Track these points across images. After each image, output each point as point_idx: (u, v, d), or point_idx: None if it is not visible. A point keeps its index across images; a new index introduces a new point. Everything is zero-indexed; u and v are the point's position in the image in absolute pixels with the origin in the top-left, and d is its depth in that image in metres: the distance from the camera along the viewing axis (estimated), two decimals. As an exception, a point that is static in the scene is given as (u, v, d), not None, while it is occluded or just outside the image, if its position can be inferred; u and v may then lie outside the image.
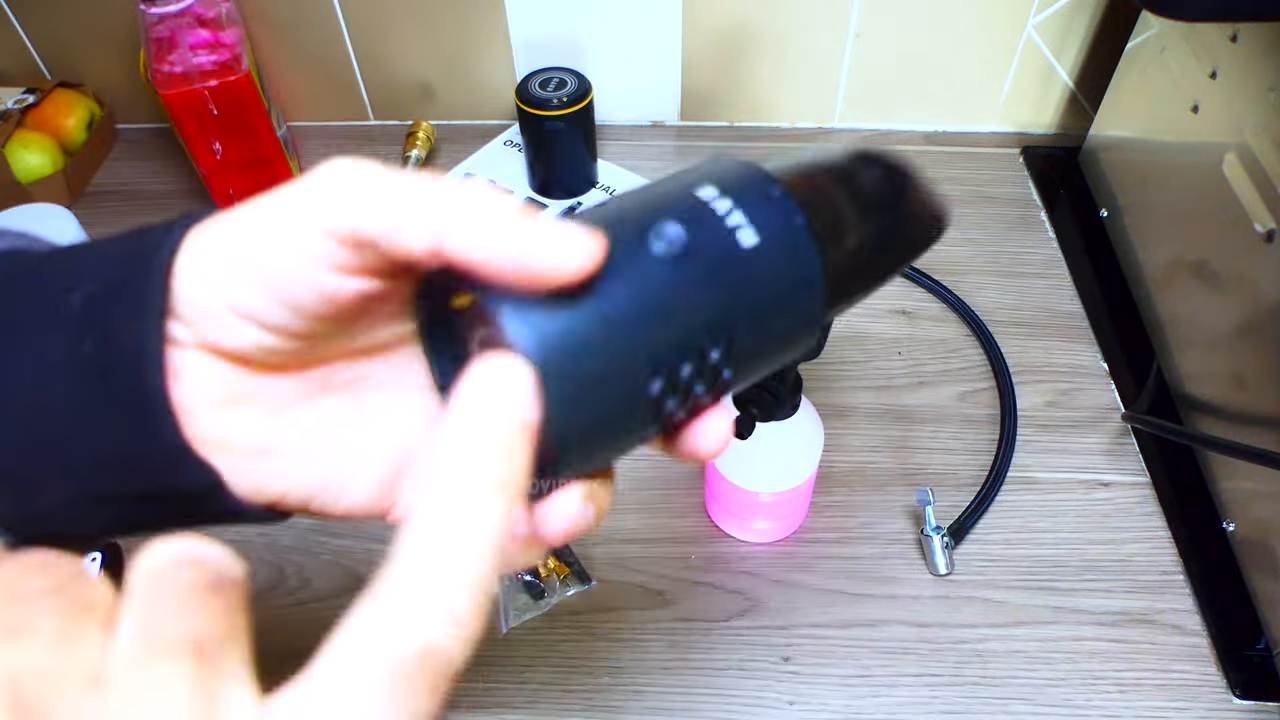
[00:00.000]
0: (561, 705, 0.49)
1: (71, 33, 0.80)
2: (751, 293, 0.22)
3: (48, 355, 0.22)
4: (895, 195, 0.27)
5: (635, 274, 0.21)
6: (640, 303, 0.21)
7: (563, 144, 0.74)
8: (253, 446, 0.23)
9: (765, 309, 0.23)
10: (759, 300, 0.23)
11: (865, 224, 0.26)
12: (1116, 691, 0.49)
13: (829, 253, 0.24)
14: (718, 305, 0.22)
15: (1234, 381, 0.54)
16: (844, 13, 0.76)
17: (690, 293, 0.21)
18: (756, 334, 0.23)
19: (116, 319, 0.21)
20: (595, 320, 0.20)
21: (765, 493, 0.50)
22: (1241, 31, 0.55)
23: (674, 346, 0.21)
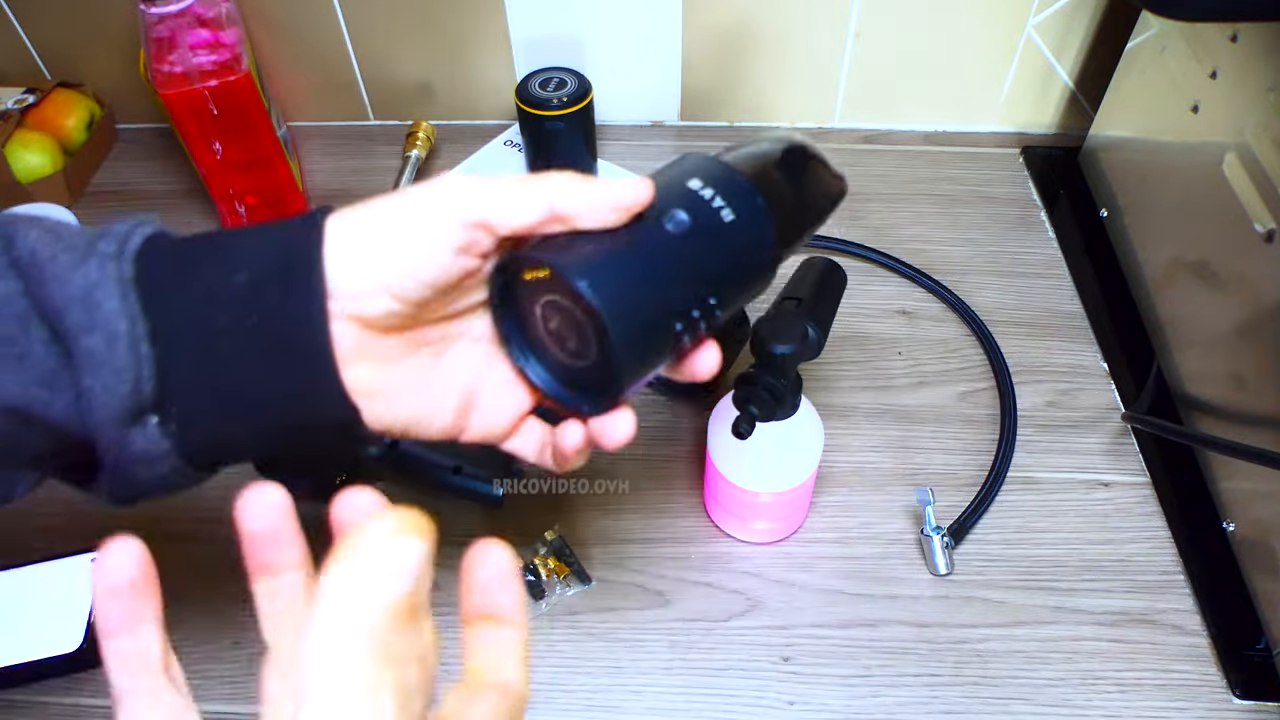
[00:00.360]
0: (562, 705, 0.49)
1: (71, 33, 0.80)
2: (733, 253, 0.33)
3: (215, 324, 0.28)
4: (812, 171, 0.38)
5: (659, 248, 0.31)
6: (665, 267, 0.31)
7: (563, 144, 0.74)
8: (369, 390, 0.31)
9: (742, 263, 0.33)
10: (738, 258, 0.33)
11: (796, 193, 0.36)
12: (1116, 691, 0.49)
13: (776, 217, 0.34)
14: (714, 265, 0.32)
15: (1234, 381, 0.54)
16: (844, 13, 0.76)
17: (697, 258, 0.32)
18: (737, 281, 0.33)
19: (287, 299, 0.29)
20: (639, 281, 0.30)
21: (765, 493, 0.50)
22: (1241, 31, 0.55)
23: (688, 297, 0.31)
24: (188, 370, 0.28)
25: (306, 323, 0.29)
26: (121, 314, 0.27)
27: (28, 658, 0.49)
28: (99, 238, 0.29)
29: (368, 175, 0.81)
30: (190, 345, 0.28)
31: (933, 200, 0.77)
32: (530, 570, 0.53)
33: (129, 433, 0.28)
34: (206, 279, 0.29)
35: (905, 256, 0.71)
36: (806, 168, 0.38)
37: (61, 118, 0.79)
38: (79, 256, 0.28)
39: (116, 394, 0.27)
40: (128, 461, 0.29)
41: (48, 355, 0.28)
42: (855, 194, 0.78)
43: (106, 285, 0.27)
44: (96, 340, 0.27)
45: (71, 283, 0.27)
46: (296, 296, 0.28)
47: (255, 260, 0.29)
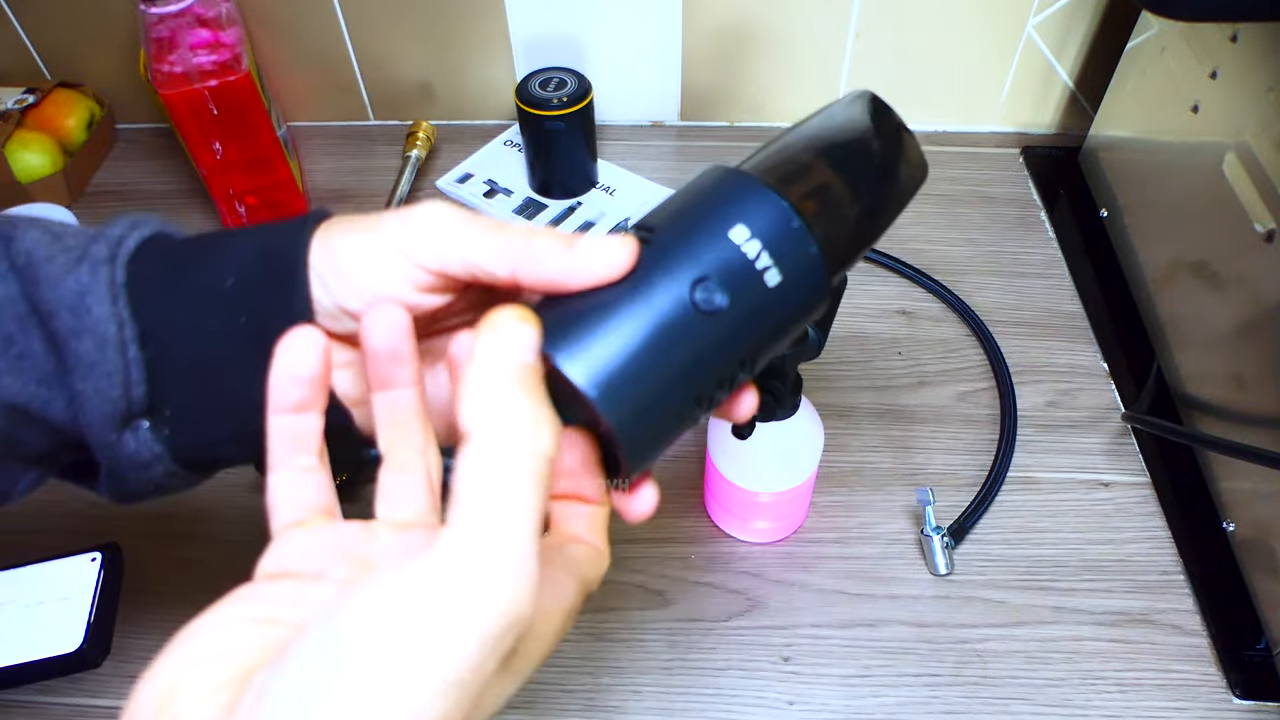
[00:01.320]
0: (561, 705, 0.49)
1: (71, 33, 0.80)
2: (775, 322, 0.27)
3: (206, 326, 0.28)
4: (889, 160, 0.32)
5: (683, 329, 0.26)
6: (687, 356, 0.26)
7: (563, 144, 0.74)
8: (355, 398, 0.30)
9: (785, 329, 0.28)
10: (781, 325, 0.28)
11: (862, 201, 0.30)
12: (1116, 691, 0.49)
13: (831, 251, 0.28)
14: (750, 343, 0.27)
15: (1234, 381, 0.54)
16: (844, 13, 0.76)
17: (728, 339, 0.26)
18: (776, 345, 0.28)
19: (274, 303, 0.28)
20: (655, 381, 0.25)
21: (765, 493, 0.50)
22: (1241, 31, 0.55)
23: (713, 381, 0.27)
24: (179, 373, 0.29)
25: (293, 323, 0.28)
26: (110, 318, 0.28)
27: (28, 658, 0.49)
28: (93, 240, 0.29)
29: (368, 175, 0.81)
30: (181, 348, 0.28)
31: (933, 200, 0.77)
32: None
33: (121, 436, 0.29)
34: (198, 282, 0.29)
35: (905, 256, 0.71)
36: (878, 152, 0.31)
37: (61, 118, 0.79)
38: (73, 260, 0.28)
39: (107, 397, 0.28)
40: (121, 464, 0.29)
41: (46, 356, 0.28)
42: (855, 194, 0.78)
43: (97, 290, 0.28)
44: (86, 344, 0.27)
45: (63, 286, 0.28)
46: (282, 301, 0.28)
47: (244, 263, 0.29)
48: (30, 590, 0.52)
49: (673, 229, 0.27)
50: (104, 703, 0.49)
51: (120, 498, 0.31)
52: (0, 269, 0.28)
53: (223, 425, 0.30)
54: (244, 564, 0.27)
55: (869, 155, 0.31)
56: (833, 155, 0.30)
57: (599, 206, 0.77)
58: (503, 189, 0.78)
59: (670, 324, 0.25)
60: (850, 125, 0.31)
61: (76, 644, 0.49)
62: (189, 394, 0.29)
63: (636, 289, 0.26)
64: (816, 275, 0.27)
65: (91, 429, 0.28)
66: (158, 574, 0.53)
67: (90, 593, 0.51)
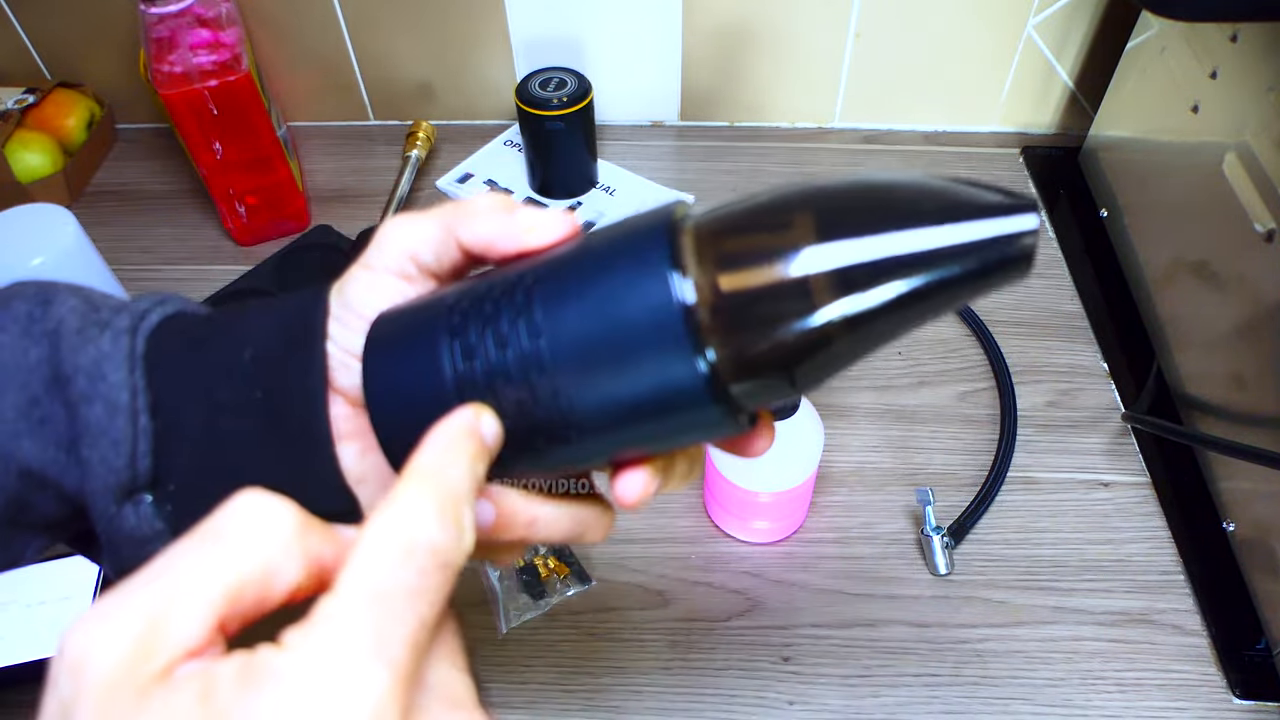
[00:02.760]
0: (561, 705, 0.49)
1: (71, 33, 0.80)
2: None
3: (218, 400, 0.28)
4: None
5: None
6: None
7: (563, 144, 0.74)
8: (358, 475, 0.29)
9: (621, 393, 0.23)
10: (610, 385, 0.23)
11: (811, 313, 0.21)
12: (1116, 691, 0.49)
13: (721, 346, 0.21)
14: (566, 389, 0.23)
15: (1234, 381, 0.54)
16: (844, 13, 0.76)
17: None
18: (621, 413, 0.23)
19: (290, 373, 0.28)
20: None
21: (765, 493, 0.50)
22: (1241, 31, 0.55)
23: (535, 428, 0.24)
24: (187, 447, 0.28)
25: (306, 399, 0.28)
26: (125, 385, 0.28)
27: (28, 658, 0.49)
28: (118, 312, 0.29)
29: (368, 175, 0.81)
30: (191, 421, 0.28)
31: (933, 200, 0.77)
32: (530, 570, 0.53)
33: (122, 509, 0.28)
34: (214, 355, 0.29)
35: (905, 256, 0.71)
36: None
37: (61, 118, 0.79)
38: (98, 329, 0.28)
39: (111, 467, 0.28)
40: (119, 539, 0.29)
41: (66, 422, 0.28)
42: (855, 194, 0.78)
43: (115, 357, 0.28)
44: (98, 410, 0.28)
45: (84, 352, 0.28)
46: (298, 371, 0.28)
47: (262, 336, 0.29)
48: (30, 590, 0.52)
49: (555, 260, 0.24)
50: (104, 703, 0.49)
51: (118, 573, 0.30)
52: (35, 333, 0.29)
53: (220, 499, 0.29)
54: (244, 564, 0.27)
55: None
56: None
57: (599, 206, 0.77)
58: (503, 189, 0.78)
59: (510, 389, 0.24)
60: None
61: (76, 644, 0.49)
62: (195, 469, 0.29)
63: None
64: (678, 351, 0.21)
65: (94, 498, 0.28)
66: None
67: (90, 593, 0.51)
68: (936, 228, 0.20)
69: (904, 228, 0.20)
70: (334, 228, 0.74)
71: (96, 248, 0.62)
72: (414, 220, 0.28)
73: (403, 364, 0.25)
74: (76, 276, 0.59)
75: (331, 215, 0.76)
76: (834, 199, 0.21)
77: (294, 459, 0.29)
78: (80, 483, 0.28)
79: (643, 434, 0.24)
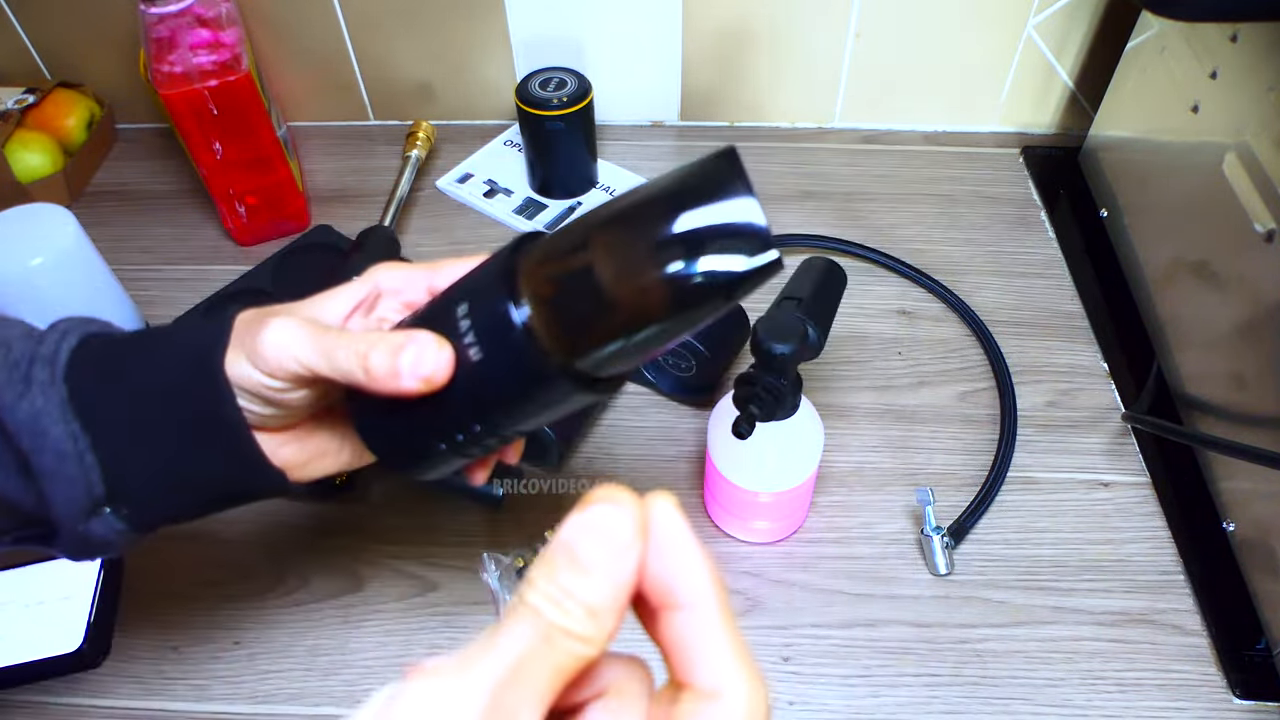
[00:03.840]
0: (561, 705, 0.49)
1: (71, 33, 0.80)
2: (490, 389, 0.30)
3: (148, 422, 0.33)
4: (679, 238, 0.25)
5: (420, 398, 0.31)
6: (423, 410, 0.31)
7: (563, 144, 0.74)
8: (293, 463, 0.36)
9: (508, 397, 0.30)
10: (500, 392, 0.30)
11: (608, 285, 0.26)
12: (1116, 691, 0.49)
13: (550, 334, 0.28)
14: (467, 402, 0.31)
15: (1234, 381, 0.54)
16: (844, 13, 0.76)
17: (445, 398, 0.30)
18: (509, 409, 0.30)
19: (203, 402, 0.32)
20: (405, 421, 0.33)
21: (765, 493, 0.50)
22: (1241, 31, 0.55)
23: (444, 425, 0.32)
24: (133, 467, 0.33)
25: (223, 423, 0.33)
26: (65, 437, 0.32)
27: (28, 658, 0.49)
28: (32, 364, 0.32)
29: (368, 175, 0.81)
30: (130, 446, 0.33)
31: (933, 200, 0.77)
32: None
33: (89, 523, 0.33)
34: (132, 383, 0.33)
35: (905, 256, 0.71)
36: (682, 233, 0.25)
37: (61, 118, 0.79)
38: (22, 384, 0.32)
39: (73, 499, 0.32)
40: (87, 544, 0.34)
41: (15, 462, 0.32)
42: (855, 194, 0.78)
43: (50, 413, 0.32)
44: (48, 459, 0.32)
45: (20, 411, 0.32)
46: (210, 393, 0.32)
47: (171, 367, 0.33)
48: (30, 590, 0.52)
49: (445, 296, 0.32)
50: (104, 703, 0.49)
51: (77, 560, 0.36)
52: None
53: (177, 501, 0.35)
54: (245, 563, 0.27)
55: (652, 228, 0.25)
56: (616, 224, 0.26)
57: (599, 206, 0.77)
58: (503, 189, 0.78)
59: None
60: (663, 192, 0.26)
61: (76, 644, 0.49)
62: (144, 482, 0.33)
63: None
64: (521, 352, 0.28)
65: (62, 521, 0.32)
66: (158, 574, 0.53)
67: (90, 593, 0.51)
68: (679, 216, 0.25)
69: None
70: (334, 228, 0.74)
71: (96, 248, 0.62)
72: (302, 348, 0.32)
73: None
74: (76, 276, 0.60)
75: (331, 215, 0.76)
76: (607, 218, 0.27)
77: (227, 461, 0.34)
78: (42, 507, 0.32)
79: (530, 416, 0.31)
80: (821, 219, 0.75)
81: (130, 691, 0.49)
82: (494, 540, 0.55)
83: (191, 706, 0.49)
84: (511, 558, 0.53)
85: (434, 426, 0.32)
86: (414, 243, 0.75)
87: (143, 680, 0.50)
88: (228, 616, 0.52)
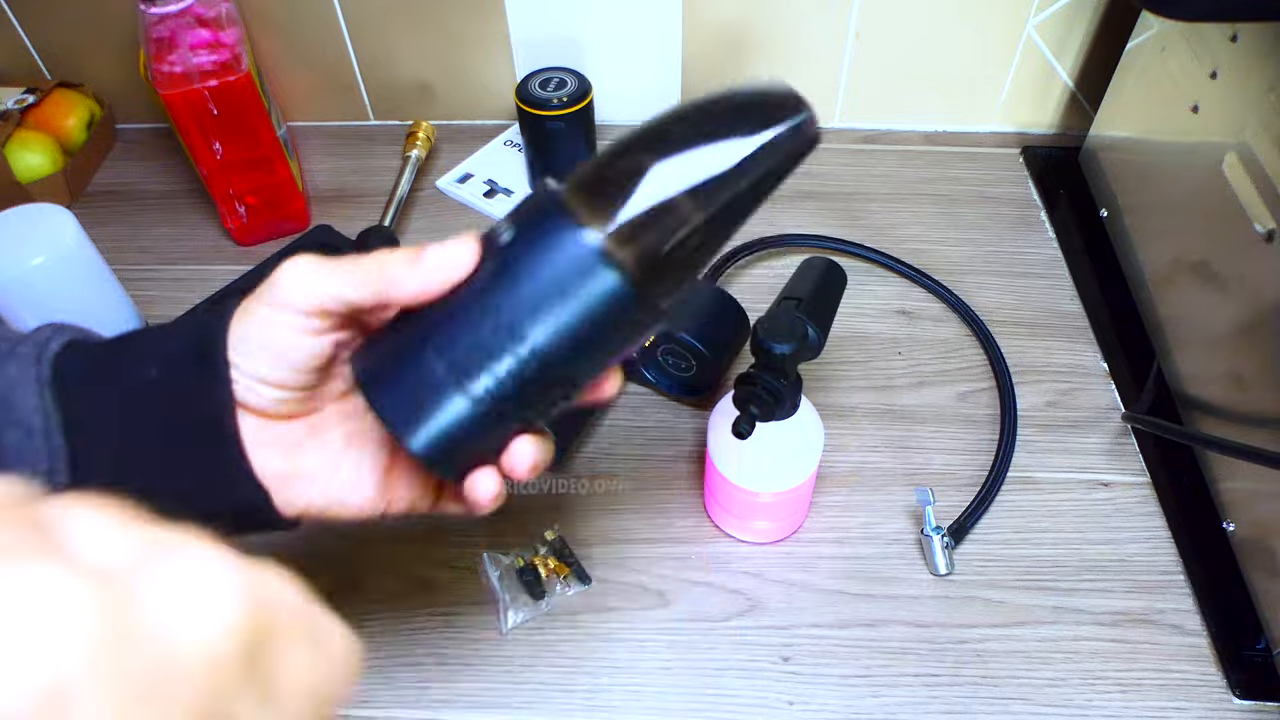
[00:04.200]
0: (561, 705, 0.49)
1: (71, 33, 0.80)
2: (524, 290, 0.28)
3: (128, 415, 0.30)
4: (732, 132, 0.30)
5: (454, 309, 0.29)
6: (442, 314, 0.29)
7: (563, 144, 0.74)
8: (278, 473, 0.32)
9: (549, 293, 0.28)
10: (541, 292, 0.28)
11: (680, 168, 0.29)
12: (1116, 691, 0.49)
13: (593, 207, 0.28)
14: (501, 308, 0.28)
15: (1234, 381, 0.54)
16: (844, 13, 0.76)
17: (471, 299, 0.29)
18: (555, 317, 0.28)
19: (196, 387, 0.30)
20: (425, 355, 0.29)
21: (765, 493, 0.50)
22: (1241, 31, 0.55)
23: (479, 354, 0.28)
24: (101, 462, 0.30)
25: (214, 408, 0.31)
26: (37, 409, 0.30)
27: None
28: (20, 342, 0.31)
29: (368, 175, 0.81)
30: (103, 437, 0.30)
31: (933, 200, 0.77)
32: (530, 570, 0.53)
33: None
34: (121, 374, 0.31)
35: (905, 256, 0.71)
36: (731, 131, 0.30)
37: (61, 118, 0.79)
38: (3, 359, 0.30)
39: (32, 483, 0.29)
40: None
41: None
42: (855, 194, 0.78)
43: (26, 384, 0.30)
44: (14, 435, 0.29)
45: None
46: (204, 383, 0.30)
47: (166, 354, 0.31)
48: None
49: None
50: (104, 703, 0.49)
51: None
52: None
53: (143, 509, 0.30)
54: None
55: (703, 132, 0.30)
56: (666, 131, 0.30)
57: (599, 206, 0.77)
58: (503, 189, 0.78)
59: (445, 310, 0.29)
60: (713, 103, 0.31)
61: (76, 644, 0.49)
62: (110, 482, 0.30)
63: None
64: (555, 223, 0.27)
65: None
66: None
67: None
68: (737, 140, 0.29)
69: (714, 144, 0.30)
70: (334, 228, 0.74)
71: (96, 248, 0.62)
72: (324, 273, 0.30)
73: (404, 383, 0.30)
74: (76, 276, 0.60)
75: (331, 215, 0.76)
76: (660, 133, 0.30)
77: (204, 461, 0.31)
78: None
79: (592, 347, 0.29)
80: (821, 219, 0.76)
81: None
82: (494, 540, 0.55)
83: (191, 706, 0.49)
84: (512, 558, 0.54)
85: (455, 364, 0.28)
86: (414, 243, 0.74)
87: (143, 680, 0.50)
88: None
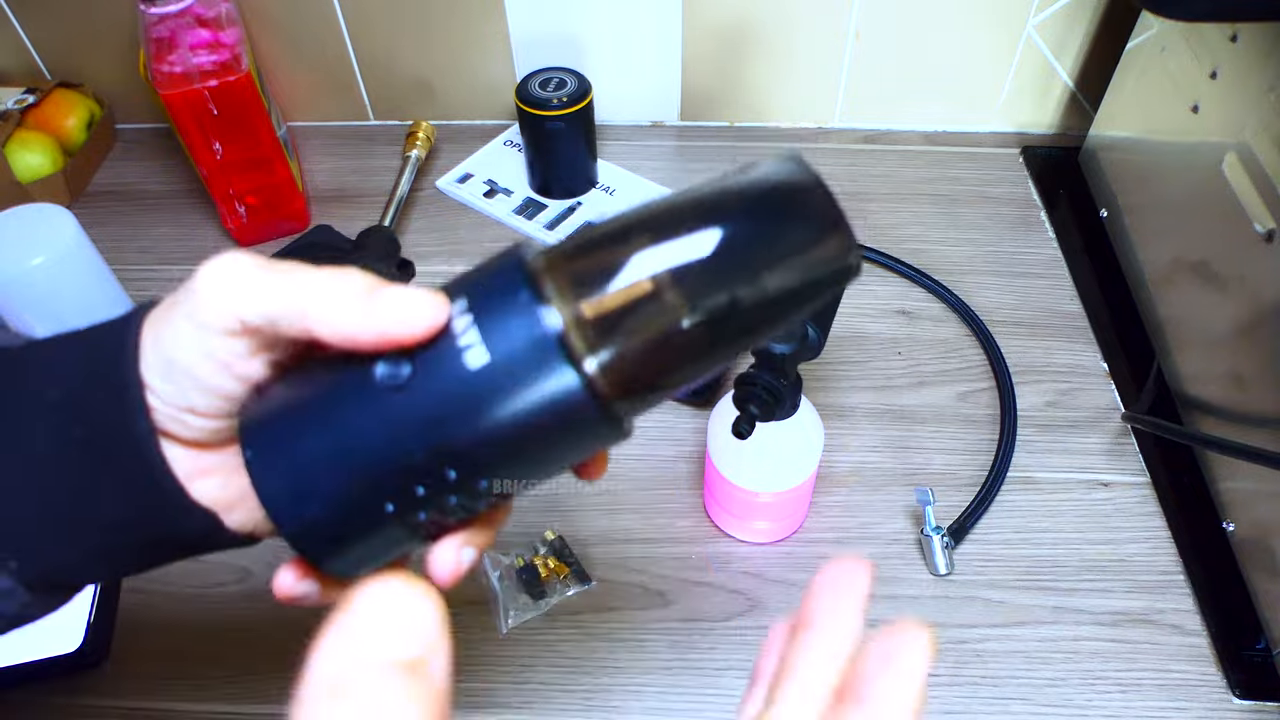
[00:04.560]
0: (561, 705, 0.49)
1: (71, 33, 0.80)
2: (486, 412, 0.22)
3: (33, 446, 0.26)
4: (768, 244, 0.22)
5: (361, 406, 0.23)
6: (364, 436, 0.23)
7: (563, 144, 0.74)
8: (224, 501, 0.27)
9: (511, 425, 0.22)
10: (500, 418, 0.22)
11: (681, 302, 0.22)
12: (1116, 691, 0.49)
13: (604, 355, 0.22)
14: (444, 430, 0.22)
15: (1234, 381, 0.54)
16: (844, 13, 0.76)
17: (410, 422, 0.22)
18: (511, 447, 0.23)
19: (106, 413, 0.25)
20: (329, 456, 0.23)
21: (765, 493, 0.50)
22: (1241, 31, 0.55)
23: (404, 472, 0.23)
24: (14, 499, 0.26)
25: (131, 441, 0.25)
26: None
27: (28, 658, 0.49)
28: None
29: (368, 175, 0.81)
30: (10, 473, 0.26)
31: (933, 200, 0.77)
32: (530, 570, 0.53)
33: None
34: (15, 400, 0.26)
35: (905, 256, 0.71)
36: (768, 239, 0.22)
37: (61, 118, 0.79)
38: None
39: None
40: None
41: None
42: (855, 194, 0.78)
43: None
44: None
45: None
46: (115, 408, 0.25)
47: (66, 374, 0.26)
48: (30, 590, 0.51)
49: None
50: (104, 703, 0.49)
51: None
52: None
53: (74, 547, 0.27)
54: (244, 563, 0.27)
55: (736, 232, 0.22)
56: (670, 222, 0.22)
57: (599, 206, 0.77)
58: (503, 189, 0.78)
59: (349, 400, 0.23)
60: (732, 194, 0.23)
61: (76, 644, 0.49)
62: (28, 520, 0.26)
63: (338, 368, 0.23)
64: (548, 360, 0.22)
65: None
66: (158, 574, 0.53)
67: (90, 593, 0.51)
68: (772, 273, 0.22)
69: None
70: (334, 228, 0.74)
71: (96, 248, 0.62)
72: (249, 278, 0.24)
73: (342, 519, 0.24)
74: (76, 276, 0.60)
75: (331, 215, 0.76)
76: (662, 215, 0.23)
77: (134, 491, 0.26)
78: None
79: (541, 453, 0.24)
80: (821, 219, 0.75)
81: (130, 691, 0.49)
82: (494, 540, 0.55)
83: (191, 706, 0.49)
84: (512, 558, 0.54)
85: (382, 461, 0.23)
86: (414, 243, 0.75)
87: (143, 680, 0.50)
88: (228, 616, 0.52)
